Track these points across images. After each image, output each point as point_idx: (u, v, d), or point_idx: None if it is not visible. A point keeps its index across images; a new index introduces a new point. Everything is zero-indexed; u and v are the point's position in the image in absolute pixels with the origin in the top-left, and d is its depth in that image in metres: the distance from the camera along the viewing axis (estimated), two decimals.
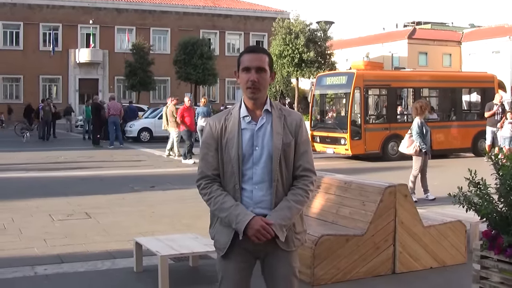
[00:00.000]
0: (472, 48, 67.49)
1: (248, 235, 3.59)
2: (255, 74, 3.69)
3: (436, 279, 7.10)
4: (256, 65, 3.71)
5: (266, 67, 3.73)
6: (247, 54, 3.78)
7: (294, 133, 3.77)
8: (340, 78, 22.94)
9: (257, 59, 3.73)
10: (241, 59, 3.78)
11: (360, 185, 7.47)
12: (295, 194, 3.73)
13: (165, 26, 60.42)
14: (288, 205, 3.69)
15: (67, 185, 14.91)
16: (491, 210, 5.15)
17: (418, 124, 12.62)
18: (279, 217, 3.64)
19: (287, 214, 3.67)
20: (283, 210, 3.67)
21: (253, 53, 3.77)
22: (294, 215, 3.72)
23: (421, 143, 12.48)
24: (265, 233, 3.58)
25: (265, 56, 3.77)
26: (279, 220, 3.63)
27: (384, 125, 22.27)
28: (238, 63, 3.79)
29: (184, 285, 6.83)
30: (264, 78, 3.73)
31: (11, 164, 18.56)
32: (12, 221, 10.43)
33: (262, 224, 3.58)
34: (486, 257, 5.39)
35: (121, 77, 52.99)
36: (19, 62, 55.05)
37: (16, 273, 7.31)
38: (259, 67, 3.71)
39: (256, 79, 3.69)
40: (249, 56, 3.75)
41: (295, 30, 42.93)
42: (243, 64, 3.74)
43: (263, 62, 3.73)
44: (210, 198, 3.75)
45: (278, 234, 3.63)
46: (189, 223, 10.25)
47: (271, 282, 3.84)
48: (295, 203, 3.71)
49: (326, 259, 6.74)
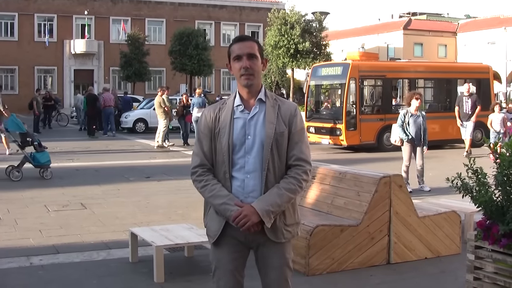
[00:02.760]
0: (467, 39, 67.46)
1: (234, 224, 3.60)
2: (246, 60, 3.72)
3: (431, 269, 7.12)
4: (246, 52, 3.73)
5: (256, 53, 3.76)
6: (236, 43, 3.80)
7: (288, 122, 3.76)
8: (336, 69, 22.96)
9: (247, 46, 3.76)
10: (231, 49, 3.81)
11: (355, 175, 7.49)
12: (287, 182, 3.72)
13: (160, 16, 60.22)
14: (279, 192, 3.67)
15: (62, 176, 14.89)
16: (488, 198, 5.17)
17: (401, 114, 12.83)
18: (266, 203, 3.62)
19: (276, 200, 3.65)
20: (271, 196, 3.65)
21: (241, 41, 3.80)
22: (284, 202, 3.69)
23: (400, 134, 12.64)
24: (243, 221, 3.57)
25: (254, 43, 3.80)
26: (265, 206, 3.61)
27: (379, 116, 22.28)
28: (229, 54, 3.82)
29: (179, 275, 6.84)
30: (256, 64, 3.75)
31: (6, 155, 18.50)
32: (8, 212, 10.43)
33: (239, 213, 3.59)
34: (480, 247, 5.42)
35: (116, 68, 52.81)
36: (14, 53, 54.83)
37: (11, 263, 7.32)
38: (250, 54, 3.73)
39: (249, 65, 3.71)
40: (239, 45, 3.77)
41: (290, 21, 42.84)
42: (234, 53, 3.77)
43: (253, 49, 3.75)
44: (205, 185, 3.76)
45: (264, 220, 3.60)
46: (184, 213, 10.27)
47: (264, 273, 3.85)
48: (286, 190, 3.69)
49: (320, 249, 6.76)
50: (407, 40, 67.57)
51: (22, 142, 14.43)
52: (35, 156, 14.29)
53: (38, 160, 14.27)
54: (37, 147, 14.34)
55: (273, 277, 3.81)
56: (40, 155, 14.31)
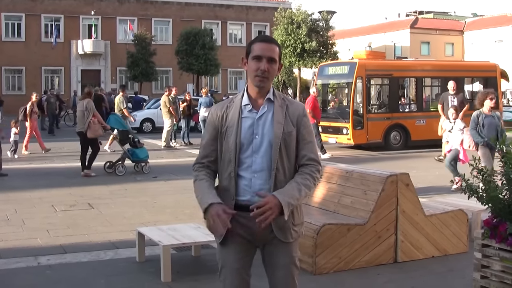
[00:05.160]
0: (474, 37, 67.28)
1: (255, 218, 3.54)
2: (266, 63, 3.69)
3: (438, 268, 7.11)
4: (268, 55, 3.71)
5: (276, 58, 3.74)
6: (259, 43, 3.76)
7: (297, 123, 3.76)
8: (342, 68, 22.94)
9: (270, 49, 3.73)
10: (252, 47, 3.77)
11: (361, 174, 7.48)
12: (304, 178, 3.71)
13: (167, 16, 60.24)
14: (298, 187, 3.66)
15: (70, 176, 14.93)
16: (495, 196, 5.16)
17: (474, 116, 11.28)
18: (287, 195, 3.60)
19: (295, 193, 3.64)
20: (292, 189, 3.64)
21: (265, 42, 3.76)
22: (302, 197, 3.70)
23: (475, 137, 11.18)
24: (268, 213, 3.51)
25: (277, 47, 3.77)
26: (287, 198, 3.58)
27: (386, 115, 22.26)
28: (248, 51, 3.78)
29: (186, 275, 6.85)
30: (273, 68, 3.73)
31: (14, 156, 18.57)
32: (15, 212, 10.47)
33: (218, 212, 3.56)
34: (487, 245, 5.41)
35: (123, 68, 52.85)
36: (21, 53, 54.91)
37: (19, 263, 7.35)
38: (271, 57, 3.71)
39: (267, 68, 3.69)
40: (262, 45, 3.74)
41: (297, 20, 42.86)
42: (255, 53, 3.73)
43: (274, 53, 3.73)
44: (195, 180, 3.83)
45: (284, 211, 3.56)
46: (191, 213, 10.27)
47: (271, 271, 3.85)
48: (304, 186, 3.69)
49: (327, 248, 6.76)
50: (414, 39, 67.45)
51: (123, 139, 15.54)
52: (134, 151, 15.35)
53: (137, 155, 15.32)
54: (137, 144, 15.47)
55: (280, 275, 3.81)
56: (139, 150, 15.38)
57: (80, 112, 15.02)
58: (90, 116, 14.78)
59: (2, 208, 10.79)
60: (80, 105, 15.19)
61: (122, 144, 15.56)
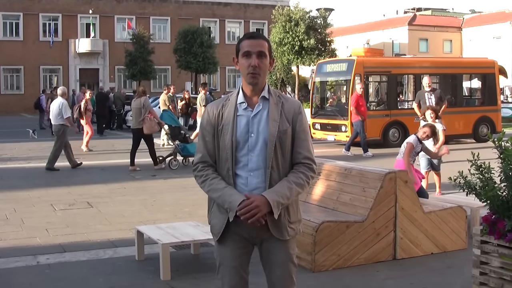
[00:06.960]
0: (472, 34, 67.32)
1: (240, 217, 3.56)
2: (256, 59, 3.69)
3: (437, 264, 7.12)
4: (257, 50, 3.70)
5: (266, 52, 3.73)
6: (247, 39, 3.76)
7: (292, 120, 3.75)
8: (341, 65, 22.95)
9: (258, 44, 3.72)
10: (241, 44, 3.77)
11: (360, 171, 7.49)
12: (296, 177, 3.71)
13: (165, 15, 60.27)
14: (289, 185, 3.66)
15: (69, 174, 14.93)
16: (494, 193, 5.16)
17: None
18: (276, 194, 3.60)
19: (286, 192, 3.63)
20: (282, 188, 3.64)
21: (253, 38, 3.76)
22: (293, 196, 3.68)
23: None
24: (253, 211, 3.52)
25: (265, 42, 3.76)
26: (275, 197, 3.59)
27: (385, 112, 22.30)
28: (238, 49, 3.78)
29: (185, 273, 6.85)
30: (264, 63, 3.72)
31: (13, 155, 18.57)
32: (14, 211, 10.47)
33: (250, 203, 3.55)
34: (486, 242, 5.41)
35: (121, 66, 52.83)
36: (19, 53, 54.94)
37: (18, 262, 7.35)
38: (260, 52, 3.70)
39: (257, 64, 3.68)
40: (249, 42, 3.74)
41: (295, 18, 42.73)
42: (244, 49, 3.73)
43: (263, 47, 3.72)
44: (205, 180, 3.75)
45: (273, 211, 3.57)
46: (190, 211, 10.28)
47: (268, 269, 3.84)
48: (296, 184, 3.68)
49: (326, 245, 6.77)
50: (412, 36, 67.45)
51: (174, 135, 16.47)
52: (185, 146, 16.14)
53: (188, 150, 16.01)
54: (188, 139, 16.38)
55: (278, 273, 3.80)
56: (190, 145, 16.09)
57: (137, 109, 15.69)
58: (146, 113, 15.53)
59: (1, 207, 10.78)
60: (137, 103, 15.75)
61: (173, 140, 16.51)
